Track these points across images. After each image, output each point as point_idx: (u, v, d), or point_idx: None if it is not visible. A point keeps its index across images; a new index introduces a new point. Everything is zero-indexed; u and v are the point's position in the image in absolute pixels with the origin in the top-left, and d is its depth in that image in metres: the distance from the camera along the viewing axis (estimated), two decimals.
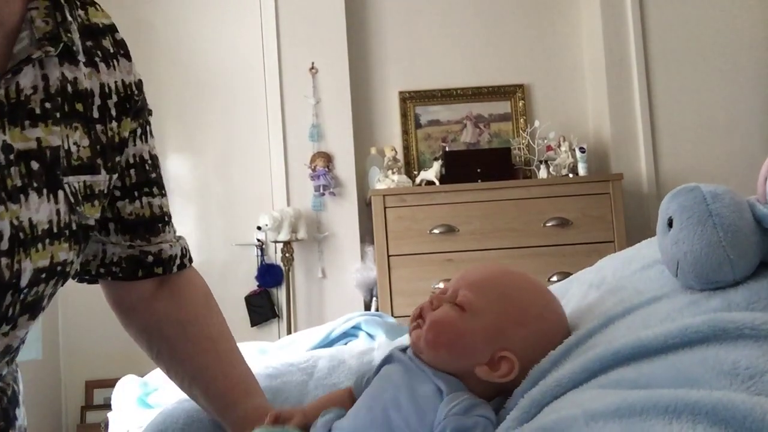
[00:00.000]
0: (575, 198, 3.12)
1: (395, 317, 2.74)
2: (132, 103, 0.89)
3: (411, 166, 3.56)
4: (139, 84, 0.91)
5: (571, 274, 1.15)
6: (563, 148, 3.36)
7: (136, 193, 0.91)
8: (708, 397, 0.53)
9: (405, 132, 3.61)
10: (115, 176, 0.87)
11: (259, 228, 3.31)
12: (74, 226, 0.81)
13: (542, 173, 3.34)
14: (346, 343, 1.77)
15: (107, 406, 2.10)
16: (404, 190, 3.18)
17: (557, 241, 3.08)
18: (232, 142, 3.60)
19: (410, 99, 3.62)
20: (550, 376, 0.68)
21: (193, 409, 0.96)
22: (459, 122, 3.63)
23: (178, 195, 3.60)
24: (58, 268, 0.79)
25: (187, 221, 3.58)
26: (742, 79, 3.48)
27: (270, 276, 3.48)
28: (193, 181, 3.62)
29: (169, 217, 0.97)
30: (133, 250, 0.93)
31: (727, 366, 0.57)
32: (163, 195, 0.96)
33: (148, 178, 0.92)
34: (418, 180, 3.35)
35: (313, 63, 3.50)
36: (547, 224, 3.09)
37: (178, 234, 1.01)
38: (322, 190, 3.42)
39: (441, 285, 3.02)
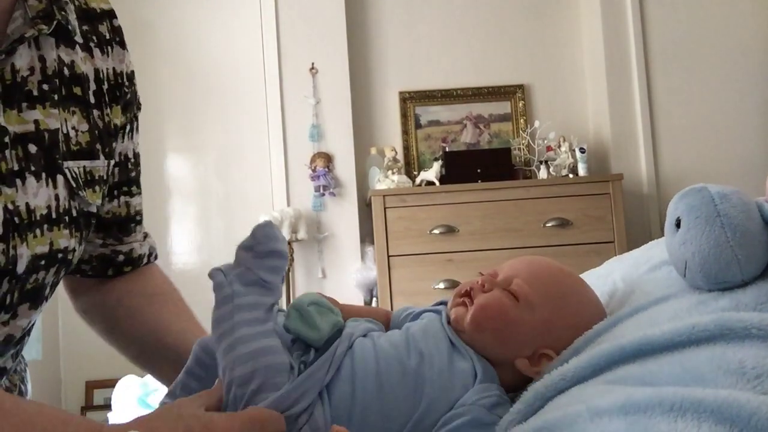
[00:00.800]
0: (575, 198, 3.12)
1: None
2: (121, 93, 0.87)
3: (411, 166, 3.56)
4: (131, 75, 0.90)
5: None
6: (563, 149, 3.36)
7: (115, 192, 0.91)
8: (713, 396, 0.53)
9: (405, 132, 3.61)
10: (112, 162, 0.86)
11: None
12: (74, 213, 0.79)
13: (542, 173, 3.34)
14: None
15: (107, 407, 2.11)
16: (404, 190, 3.18)
17: (557, 242, 3.08)
18: (232, 142, 3.60)
19: (410, 99, 3.62)
20: (555, 371, 0.68)
21: None
22: (459, 122, 3.63)
23: (178, 195, 3.60)
24: (59, 255, 0.78)
25: (187, 221, 3.58)
26: (742, 80, 3.48)
27: None
28: (193, 181, 3.62)
29: (141, 216, 0.96)
30: (105, 249, 0.92)
31: (734, 365, 0.57)
32: (140, 194, 0.95)
33: (128, 177, 0.92)
34: (418, 180, 3.35)
35: (313, 63, 3.50)
36: (547, 224, 3.09)
37: (145, 231, 1.00)
38: (322, 191, 3.42)
39: (441, 285, 3.02)
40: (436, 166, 3.28)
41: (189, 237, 3.57)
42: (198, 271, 3.53)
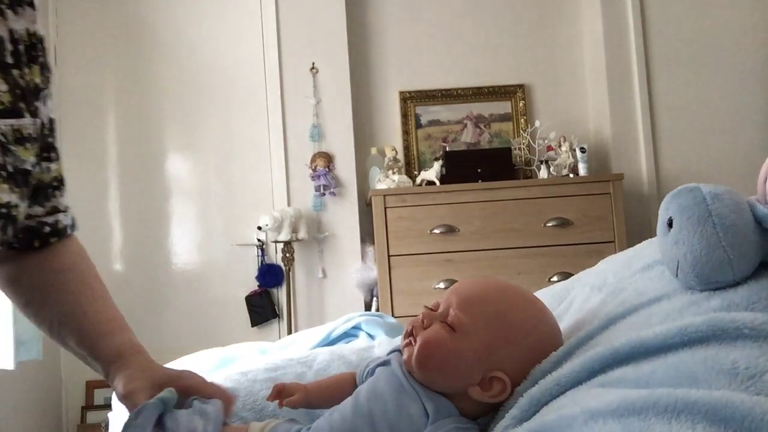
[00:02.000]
0: (576, 198, 3.12)
1: (396, 317, 2.74)
2: (37, 53, 0.88)
3: (411, 166, 3.56)
4: (43, 39, 0.90)
5: (572, 274, 1.15)
6: (564, 148, 3.36)
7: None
8: (707, 397, 0.53)
9: (405, 132, 3.61)
10: (39, 121, 0.87)
11: (259, 228, 3.30)
12: (10, 168, 0.80)
13: (543, 173, 3.34)
14: (347, 343, 1.77)
15: (108, 406, 2.10)
16: (405, 190, 3.18)
17: (557, 242, 3.08)
18: (232, 142, 3.59)
19: (411, 99, 3.62)
20: (550, 376, 0.68)
21: None
22: (459, 122, 3.63)
23: (178, 195, 3.60)
24: (2, 210, 0.79)
25: (187, 221, 3.58)
26: (742, 80, 3.48)
27: (270, 276, 3.47)
28: (194, 181, 3.62)
29: (62, 183, 0.97)
30: (31, 221, 0.93)
31: (727, 366, 0.57)
32: (58, 160, 0.95)
33: (46, 143, 0.92)
34: (418, 180, 3.35)
35: (313, 63, 3.50)
36: (548, 224, 3.09)
37: (67, 204, 1.00)
38: (322, 190, 3.42)
39: (441, 285, 3.02)
40: (437, 165, 3.28)
41: (189, 237, 3.57)
42: (198, 271, 3.53)
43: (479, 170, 3.23)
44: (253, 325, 3.45)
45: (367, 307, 3.34)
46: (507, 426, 0.66)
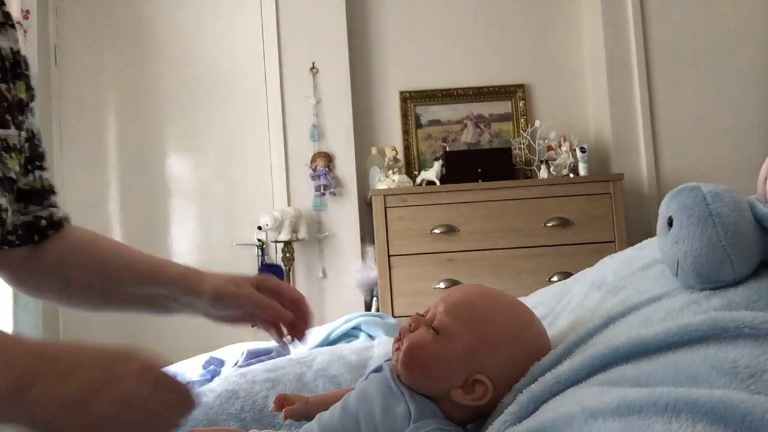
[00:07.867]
0: (576, 198, 3.12)
1: (396, 317, 2.74)
2: (22, 70, 0.92)
3: (411, 166, 3.56)
4: (26, 59, 0.94)
5: (572, 274, 1.15)
6: (564, 148, 3.36)
7: (29, 167, 0.96)
8: (707, 396, 0.53)
9: (405, 132, 3.61)
10: (23, 134, 0.91)
11: (259, 228, 3.30)
12: (0, 174, 0.84)
13: (543, 173, 3.34)
14: (347, 344, 1.77)
15: None
16: (405, 190, 3.18)
17: (558, 241, 3.08)
18: (232, 142, 3.60)
19: (411, 99, 3.62)
20: (549, 373, 0.68)
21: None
22: (459, 122, 3.63)
23: (179, 195, 3.60)
24: None
25: (187, 221, 3.58)
26: (743, 80, 3.48)
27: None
28: (194, 181, 3.62)
29: (54, 190, 1.01)
30: (27, 216, 0.96)
31: (727, 365, 0.57)
32: (47, 169, 1.00)
33: (37, 152, 0.96)
34: (418, 180, 3.35)
35: (313, 63, 3.50)
36: (548, 224, 3.09)
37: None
38: (322, 190, 3.42)
39: (442, 285, 3.02)
40: (437, 165, 3.28)
41: (189, 237, 3.57)
42: None
43: (479, 170, 3.23)
44: (253, 325, 3.45)
45: (367, 307, 3.34)
46: (506, 422, 0.66)
